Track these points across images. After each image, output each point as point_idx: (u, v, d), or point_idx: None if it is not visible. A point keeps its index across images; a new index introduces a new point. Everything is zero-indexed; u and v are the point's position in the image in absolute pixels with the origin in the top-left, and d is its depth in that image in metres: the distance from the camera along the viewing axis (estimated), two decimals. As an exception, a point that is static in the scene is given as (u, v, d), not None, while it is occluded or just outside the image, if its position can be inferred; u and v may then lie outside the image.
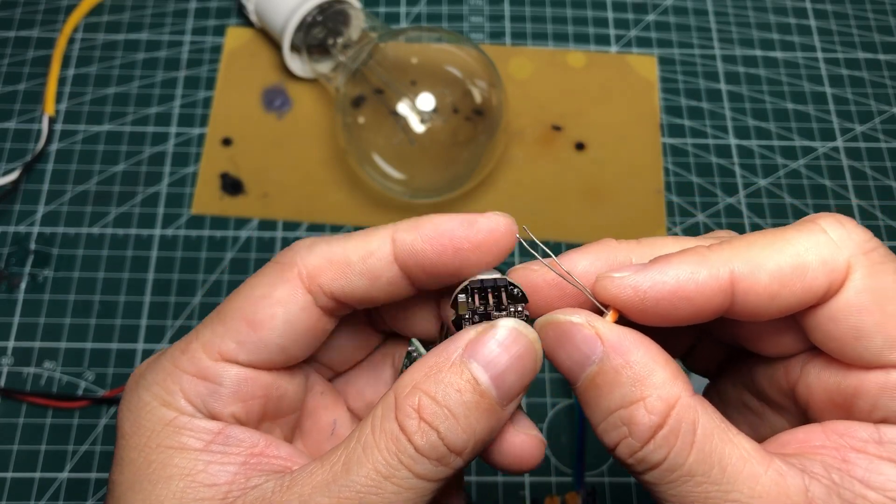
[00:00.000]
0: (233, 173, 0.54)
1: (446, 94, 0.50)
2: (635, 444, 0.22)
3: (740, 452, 0.22)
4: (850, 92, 0.59)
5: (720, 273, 0.22)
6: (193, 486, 0.23)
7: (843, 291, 0.22)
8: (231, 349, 0.25)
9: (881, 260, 0.22)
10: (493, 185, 0.54)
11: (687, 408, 0.22)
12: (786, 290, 0.22)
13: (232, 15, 0.61)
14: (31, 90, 0.57)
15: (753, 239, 0.23)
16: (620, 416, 0.22)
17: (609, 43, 0.60)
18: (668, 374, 0.22)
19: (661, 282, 0.23)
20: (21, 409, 0.47)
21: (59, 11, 0.60)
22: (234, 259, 0.52)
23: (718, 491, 0.21)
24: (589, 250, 0.25)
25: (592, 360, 0.22)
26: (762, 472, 0.21)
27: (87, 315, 0.50)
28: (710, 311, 0.23)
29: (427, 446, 0.22)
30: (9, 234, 0.52)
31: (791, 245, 0.22)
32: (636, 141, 0.56)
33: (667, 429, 0.21)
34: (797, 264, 0.22)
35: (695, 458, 0.21)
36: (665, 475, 0.22)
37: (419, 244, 0.25)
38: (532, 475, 0.46)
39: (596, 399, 0.23)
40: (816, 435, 0.23)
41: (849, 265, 0.22)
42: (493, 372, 0.23)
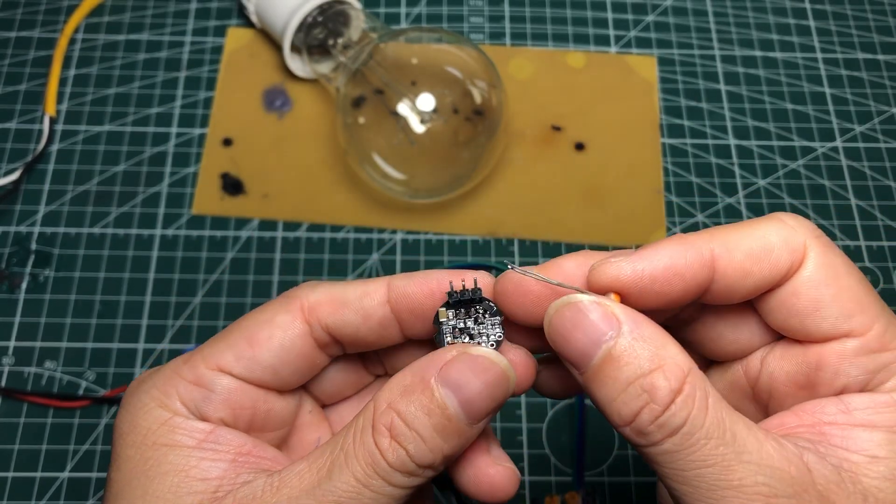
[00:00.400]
0: (233, 173, 0.54)
1: (446, 95, 0.50)
2: (657, 409, 0.23)
3: (744, 422, 0.23)
4: (850, 92, 0.59)
5: (703, 252, 0.25)
6: (187, 481, 0.25)
7: (802, 269, 0.25)
8: (228, 362, 0.27)
9: (829, 243, 0.26)
10: (493, 185, 0.55)
11: (699, 376, 0.24)
12: (756, 267, 0.25)
13: (233, 16, 0.61)
14: (32, 90, 0.57)
15: (726, 228, 0.26)
16: (641, 384, 0.23)
17: (609, 43, 0.60)
18: (678, 348, 0.24)
19: (656, 260, 0.25)
20: (22, 408, 0.47)
21: (60, 12, 0.60)
22: (234, 259, 0.52)
23: (733, 453, 0.22)
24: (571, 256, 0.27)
25: (609, 335, 0.24)
26: (764, 439, 0.23)
27: (88, 315, 0.50)
28: (696, 288, 0.25)
29: (398, 462, 0.24)
30: (10, 234, 0.52)
31: (758, 231, 0.26)
32: (636, 141, 0.56)
33: (685, 393, 0.23)
34: (765, 245, 0.25)
35: (710, 421, 0.23)
36: (685, 440, 0.23)
37: (410, 288, 0.27)
38: (532, 475, 0.46)
39: (614, 373, 0.24)
40: (789, 419, 0.25)
41: (805, 246, 0.25)
42: (462, 397, 0.25)
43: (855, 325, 0.25)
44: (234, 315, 0.50)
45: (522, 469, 0.46)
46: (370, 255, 0.52)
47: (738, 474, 0.22)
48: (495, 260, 0.52)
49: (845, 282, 0.25)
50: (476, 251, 0.53)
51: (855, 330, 0.25)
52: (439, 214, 0.54)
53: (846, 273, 0.25)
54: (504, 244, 0.53)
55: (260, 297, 0.50)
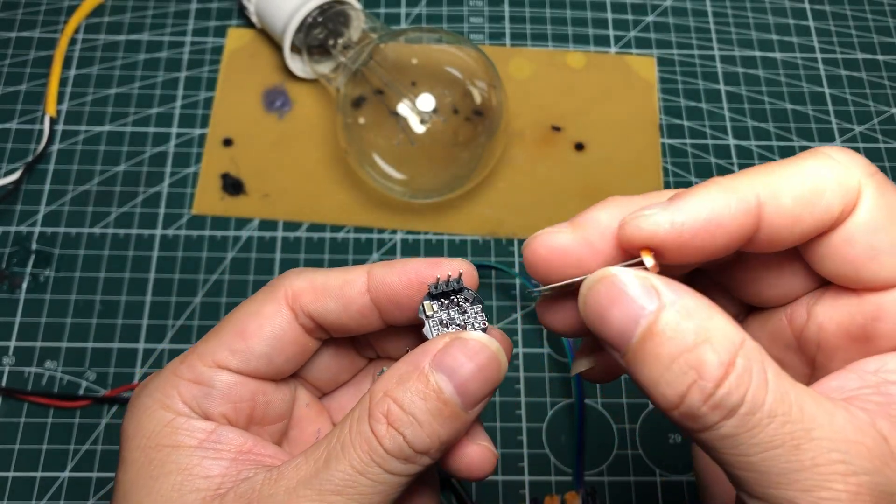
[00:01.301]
0: (233, 174, 0.55)
1: (446, 95, 0.50)
2: (708, 386, 0.20)
3: (810, 393, 0.21)
4: (849, 93, 0.59)
5: (749, 199, 0.22)
6: (190, 479, 0.26)
7: (856, 212, 0.23)
8: (224, 357, 0.28)
9: (885, 181, 0.23)
10: (493, 185, 0.55)
11: (754, 349, 0.21)
12: (806, 212, 0.22)
13: (233, 16, 0.61)
14: (33, 91, 0.57)
15: (771, 167, 0.23)
16: (686, 360, 0.21)
17: (608, 44, 0.61)
18: (726, 319, 0.21)
19: (696, 211, 0.22)
20: (22, 408, 0.47)
21: (61, 12, 0.60)
22: (234, 259, 0.52)
23: (802, 430, 0.20)
24: (603, 206, 0.25)
25: (649, 310, 0.21)
26: (834, 410, 0.21)
27: (89, 315, 0.50)
28: (740, 239, 0.23)
29: (395, 448, 0.24)
30: (10, 235, 0.52)
31: (806, 170, 0.23)
32: (635, 141, 0.57)
33: (739, 368, 0.20)
34: (815, 186, 0.22)
35: (773, 398, 0.20)
36: (745, 421, 0.20)
37: (390, 277, 0.27)
38: (532, 475, 0.46)
39: (655, 349, 0.21)
40: (849, 379, 0.23)
41: (859, 186, 0.23)
42: (457, 381, 0.25)
43: None
44: (234, 315, 0.50)
45: (522, 469, 0.46)
46: (370, 255, 0.52)
47: (810, 454, 0.20)
48: (495, 260, 0.52)
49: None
50: (476, 251, 0.53)
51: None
52: (439, 214, 0.54)
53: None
54: (504, 244, 0.53)
55: (260, 297, 0.50)
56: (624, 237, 0.23)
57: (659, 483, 0.46)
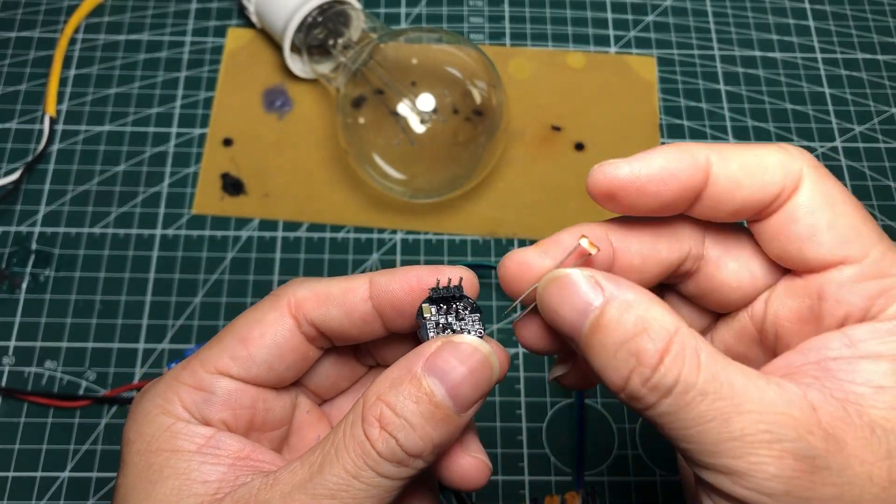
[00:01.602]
0: (233, 173, 0.55)
1: (446, 95, 0.50)
2: (646, 371, 0.23)
3: (742, 371, 0.23)
4: (849, 92, 0.59)
5: (699, 157, 0.25)
6: (188, 484, 0.26)
7: (798, 194, 0.25)
8: (225, 363, 0.28)
9: (826, 174, 0.26)
10: (493, 185, 0.55)
11: (688, 335, 0.23)
12: (748, 180, 0.25)
13: (233, 16, 0.61)
14: (33, 91, 0.57)
15: (727, 144, 0.26)
16: (628, 347, 0.23)
17: (608, 44, 0.61)
18: (664, 309, 0.24)
19: (651, 161, 0.25)
20: (22, 408, 0.47)
21: (61, 12, 0.60)
22: (234, 259, 0.52)
23: (731, 405, 0.22)
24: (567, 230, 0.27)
25: (595, 304, 0.24)
26: (765, 386, 0.23)
27: (89, 315, 0.50)
28: (690, 191, 0.26)
29: (388, 451, 0.25)
30: (10, 234, 0.52)
31: (757, 150, 0.26)
32: (635, 141, 0.57)
33: (673, 352, 0.23)
34: (760, 162, 0.25)
35: (704, 377, 0.23)
36: (679, 398, 0.23)
37: (392, 284, 0.28)
38: (532, 475, 0.46)
39: (601, 341, 0.24)
40: (795, 358, 0.25)
41: (801, 173, 0.25)
42: (449, 385, 0.25)
43: (852, 251, 0.25)
44: (234, 315, 0.50)
45: (522, 469, 0.46)
46: (370, 255, 0.52)
47: (738, 425, 0.22)
48: (495, 260, 0.52)
49: (841, 209, 0.25)
50: (476, 251, 0.53)
51: (852, 256, 0.25)
52: (439, 214, 0.54)
53: (842, 201, 0.25)
54: (504, 244, 0.53)
55: (260, 297, 0.50)
56: (591, 184, 0.26)
57: (659, 483, 0.46)
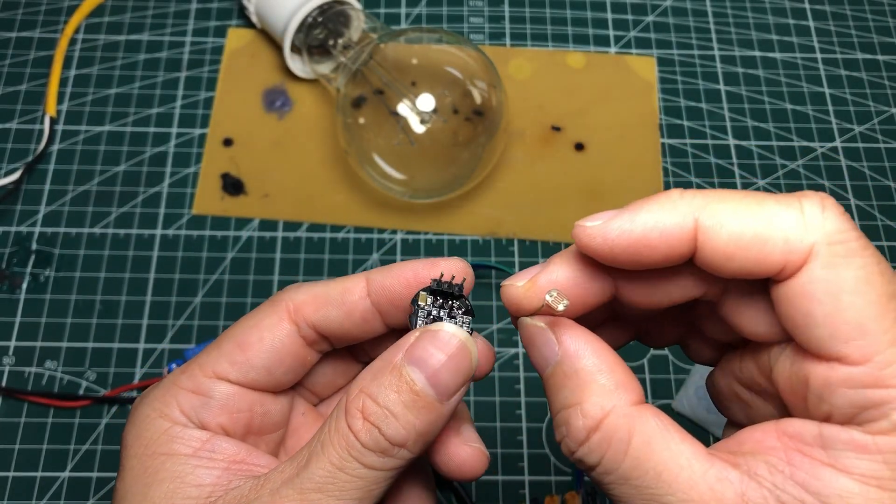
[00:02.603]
0: (234, 174, 0.55)
1: (446, 95, 0.50)
2: (571, 445, 0.23)
3: (678, 460, 0.22)
4: (849, 92, 0.59)
5: (685, 222, 0.23)
6: (182, 487, 0.26)
7: (799, 276, 0.22)
8: (224, 368, 0.28)
9: (847, 253, 0.22)
10: (493, 185, 0.55)
11: (622, 416, 0.23)
12: (739, 255, 0.22)
13: (233, 16, 0.61)
14: (33, 91, 0.57)
15: (730, 195, 0.23)
16: (562, 415, 0.24)
17: (608, 44, 0.61)
18: (610, 383, 0.23)
19: (629, 230, 0.23)
20: (22, 408, 0.47)
21: (61, 12, 0.60)
22: (234, 259, 0.52)
23: (653, 494, 0.22)
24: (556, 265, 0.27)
25: (551, 361, 0.25)
26: (699, 478, 0.22)
27: (89, 315, 0.50)
28: (675, 257, 0.24)
29: (371, 441, 0.25)
30: (10, 235, 0.52)
31: (761, 213, 0.22)
32: (635, 141, 0.57)
33: (599, 434, 0.23)
34: (758, 234, 0.22)
35: (628, 465, 0.23)
36: (602, 476, 0.23)
37: (388, 280, 0.28)
38: (532, 475, 0.46)
39: (550, 397, 0.25)
40: (769, 435, 0.23)
41: (811, 251, 0.22)
42: (428, 372, 0.25)
43: (849, 350, 0.21)
44: (234, 315, 0.50)
45: (522, 469, 0.46)
46: (370, 255, 0.52)
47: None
48: (495, 260, 0.52)
49: (849, 301, 0.21)
50: (476, 251, 0.53)
51: (849, 357, 0.22)
52: (439, 214, 0.54)
53: (856, 292, 0.21)
54: (504, 244, 0.53)
55: (260, 297, 0.51)
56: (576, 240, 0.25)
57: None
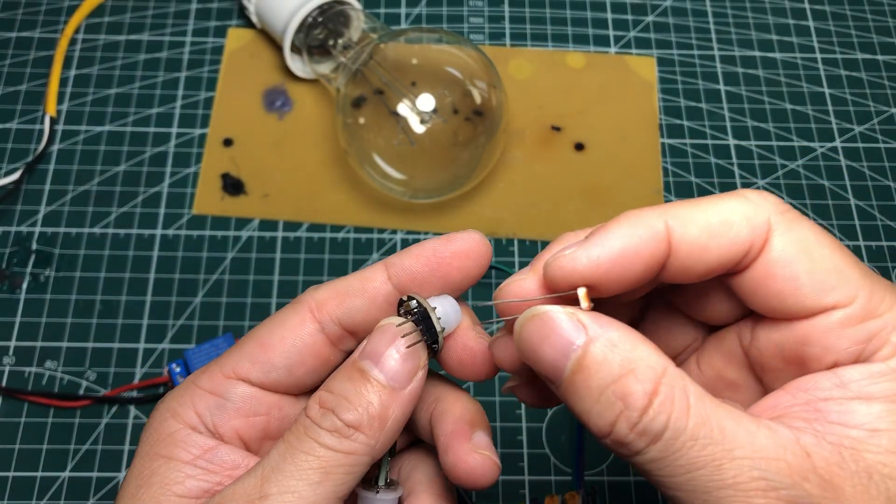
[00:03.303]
0: (234, 174, 0.55)
1: (446, 95, 0.50)
2: (633, 415, 0.22)
3: (731, 414, 0.22)
4: (849, 93, 0.59)
5: (657, 226, 0.24)
6: (166, 495, 0.26)
7: (769, 248, 0.24)
8: (245, 368, 0.28)
9: (795, 218, 0.24)
10: (493, 185, 0.55)
11: (676, 376, 0.23)
12: (714, 242, 0.24)
13: (233, 16, 0.61)
14: (33, 91, 0.57)
15: (683, 202, 0.25)
16: (613, 390, 0.22)
17: (608, 44, 0.61)
18: (650, 348, 0.23)
19: (609, 245, 0.24)
20: (22, 408, 0.47)
21: (61, 13, 0.60)
22: (234, 259, 0.52)
23: (723, 450, 0.22)
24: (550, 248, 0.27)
25: (577, 345, 0.23)
26: (756, 429, 0.22)
27: (89, 315, 0.50)
28: (655, 266, 0.24)
29: (326, 422, 0.25)
30: (10, 235, 0.52)
31: (718, 205, 0.25)
32: (635, 141, 0.57)
33: (662, 395, 0.22)
34: (724, 219, 0.24)
35: (695, 421, 0.22)
36: (669, 445, 0.22)
37: (408, 261, 0.28)
38: (532, 475, 0.46)
39: (585, 382, 0.23)
40: (783, 398, 0.24)
41: (769, 223, 0.24)
42: (377, 359, 0.26)
43: (838, 296, 0.24)
44: (234, 315, 0.50)
45: (522, 469, 0.46)
46: (370, 255, 0.52)
47: (731, 472, 0.21)
48: (495, 260, 0.52)
49: (819, 253, 0.24)
50: (476, 251, 0.53)
51: (839, 302, 0.24)
52: (439, 214, 0.54)
53: (819, 244, 0.24)
54: (504, 244, 0.53)
55: (260, 297, 0.51)
56: (549, 277, 0.25)
57: (659, 483, 0.46)
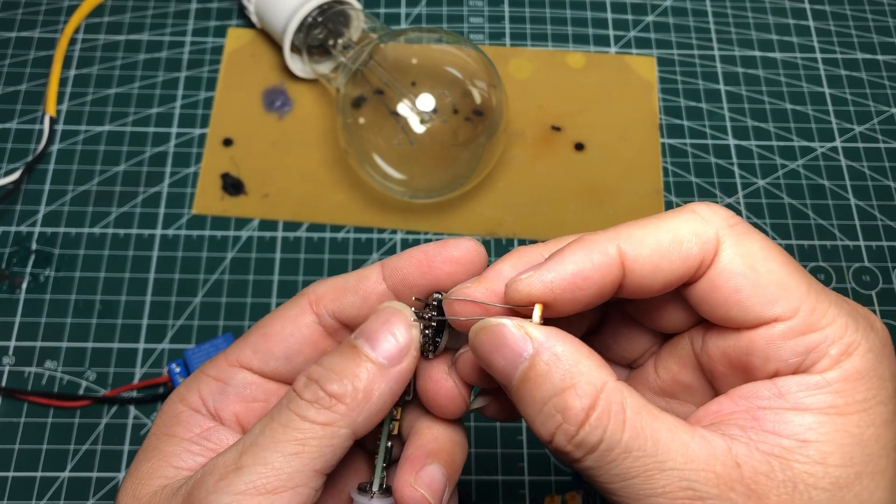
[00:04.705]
0: (233, 174, 0.55)
1: (446, 95, 0.50)
2: (571, 429, 0.23)
3: (667, 425, 0.24)
4: (849, 92, 0.59)
5: (609, 251, 0.25)
6: (163, 466, 0.27)
7: (717, 260, 0.25)
8: (247, 356, 0.29)
9: (745, 231, 0.25)
10: (493, 185, 0.55)
11: (614, 390, 0.24)
12: (665, 261, 0.25)
13: (233, 16, 0.61)
14: (33, 91, 0.57)
15: (634, 223, 0.26)
16: (554, 404, 0.24)
17: (608, 44, 0.61)
18: (593, 363, 0.24)
19: (563, 270, 0.25)
20: (22, 408, 0.47)
21: (61, 12, 0.60)
22: (234, 259, 0.52)
23: (655, 462, 0.23)
24: (507, 259, 0.28)
25: (524, 357, 0.24)
26: (689, 440, 0.23)
27: (89, 315, 0.50)
28: (608, 286, 0.25)
29: (308, 393, 0.26)
30: (10, 235, 0.52)
31: (667, 224, 0.25)
32: (635, 141, 0.57)
33: (599, 410, 0.23)
34: (673, 238, 0.25)
35: (629, 435, 0.23)
36: (604, 456, 0.23)
37: (401, 263, 0.29)
38: (532, 475, 0.46)
39: (530, 393, 0.24)
40: (726, 404, 0.25)
41: (717, 237, 0.25)
42: (369, 337, 0.27)
43: (780, 309, 0.24)
44: (234, 315, 0.50)
45: (522, 469, 0.46)
46: (370, 255, 0.52)
47: (661, 482, 0.23)
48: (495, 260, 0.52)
49: (764, 267, 0.25)
50: (476, 251, 0.53)
51: (782, 314, 0.24)
52: (439, 214, 0.54)
53: (765, 258, 0.25)
54: (504, 244, 0.53)
55: (260, 297, 0.51)
56: (509, 299, 0.26)
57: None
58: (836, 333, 0.24)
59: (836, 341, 0.24)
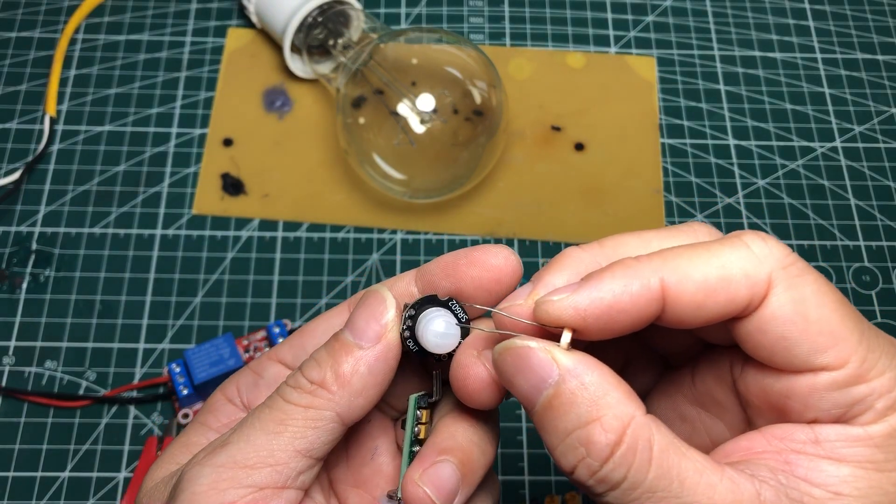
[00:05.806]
0: (234, 174, 0.55)
1: (446, 95, 0.50)
2: (594, 464, 0.22)
3: (695, 465, 0.22)
4: (849, 92, 0.59)
5: (651, 283, 0.23)
6: (182, 451, 0.28)
7: (766, 304, 0.23)
8: (284, 351, 0.31)
9: (799, 273, 0.24)
10: (493, 185, 0.55)
11: (642, 426, 0.22)
12: (710, 301, 0.23)
13: (233, 16, 0.61)
14: (33, 91, 0.57)
15: (682, 251, 0.24)
16: (578, 436, 0.23)
17: (608, 44, 0.61)
18: (621, 395, 0.23)
19: (599, 298, 0.23)
20: (22, 408, 0.47)
21: (61, 12, 0.60)
22: (234, 259, 0.52)
23: (681, 502, 0.22)
24: (559, 267, 0.26)
25: (549, 383, 0.23)
26: (717, 482, 0.22)
27: (89, 315, 0.50)
28: (645, 319, 0.24)
29: (291, 379, 0.27)
30: (10, 235, 0.52)
31: (717, 258, 0.24)
32: (635, 141, 0.57)
33: (624, 446, 0.22)
34: (722, 276, 0.23)
35: (654, 475, 0.22)
36: (627, 494, 0.22)
37: (431, 265, 0.29)
38: (532, 475, 0.46)
39: (553, 422, 0.23)
40: (758, 441, 0.24)
41: (770, 279, 0.23)
42: (349, 323, 0.27)
43: (829, 359, 0.23)
44: (234, 315, 0.50)
45: (522, 469, 0.46)
46: (370, 255, 0.52)
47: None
48: (495, 260, 0.52)
49: (817, 314, 0.23)
50: (476, 251, 0.53)
51: (829, 364, 0.23)
52: (439, 214, 0.54)
53: (818, 304, 0.23)
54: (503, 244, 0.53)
55: (260, 297, 0.51)
56: (536, 317, 0.25)
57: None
58: (884, 387, 0.23)
59: (884, 395, 0.23)
